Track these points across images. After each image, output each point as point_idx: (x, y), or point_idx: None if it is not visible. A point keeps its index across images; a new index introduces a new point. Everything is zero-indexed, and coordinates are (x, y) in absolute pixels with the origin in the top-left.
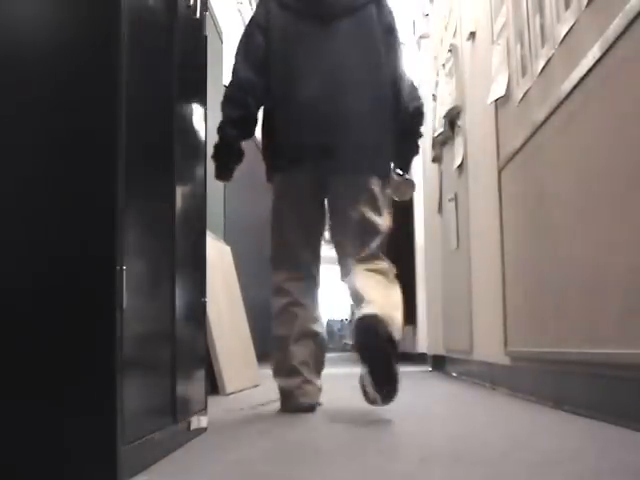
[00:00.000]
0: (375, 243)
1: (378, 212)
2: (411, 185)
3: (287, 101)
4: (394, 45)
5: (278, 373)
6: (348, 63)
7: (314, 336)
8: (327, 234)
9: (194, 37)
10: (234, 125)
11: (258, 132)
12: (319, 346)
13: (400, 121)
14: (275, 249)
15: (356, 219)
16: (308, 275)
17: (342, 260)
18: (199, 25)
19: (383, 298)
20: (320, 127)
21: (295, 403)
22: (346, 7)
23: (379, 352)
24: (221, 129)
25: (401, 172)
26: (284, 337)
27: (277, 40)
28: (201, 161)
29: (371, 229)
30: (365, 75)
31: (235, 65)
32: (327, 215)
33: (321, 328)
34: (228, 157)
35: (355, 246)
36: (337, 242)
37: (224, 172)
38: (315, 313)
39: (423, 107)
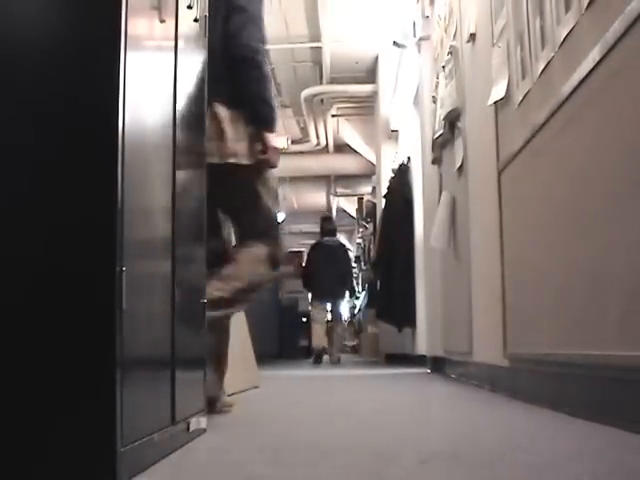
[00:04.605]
0: (343, 317)
1: (341, 311)
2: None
3: (317, 276)
4: (348, 259)
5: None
6: (335, 264)
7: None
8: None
9: (195, 39)
10: (307, 287)
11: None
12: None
13: (348, 282)
14: (311, 314)
15: (337, 311)
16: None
17: (333, 318)
18: (199, 26)
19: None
20: (328, 284)
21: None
22: (335, 248)
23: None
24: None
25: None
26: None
27: (316, 255)
28: (201, 161)
29: (340, 315)
30: (340, 268)
31: (307, 264)
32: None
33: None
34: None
35: (336, 318)
36: (332, 316)
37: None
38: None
39: (352, 272)
